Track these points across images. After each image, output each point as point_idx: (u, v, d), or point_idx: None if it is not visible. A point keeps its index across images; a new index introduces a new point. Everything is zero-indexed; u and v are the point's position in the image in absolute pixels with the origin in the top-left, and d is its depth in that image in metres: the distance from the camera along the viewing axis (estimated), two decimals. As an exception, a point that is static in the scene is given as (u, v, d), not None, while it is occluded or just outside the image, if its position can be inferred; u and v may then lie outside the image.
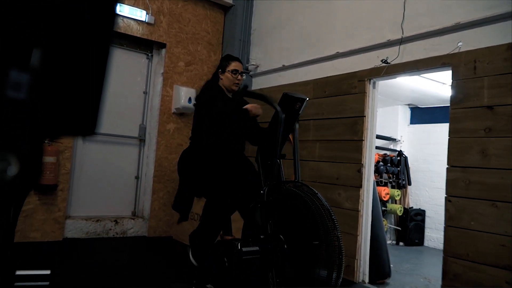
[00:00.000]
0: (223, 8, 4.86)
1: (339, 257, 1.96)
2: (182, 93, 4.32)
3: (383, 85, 3.65)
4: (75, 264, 3.07)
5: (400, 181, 5.46)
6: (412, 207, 5.49)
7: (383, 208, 5.06)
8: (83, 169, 4.05)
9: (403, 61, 2.98)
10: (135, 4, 4.17)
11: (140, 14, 4.19)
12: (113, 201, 4.24)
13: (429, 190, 5.49)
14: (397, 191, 5.34)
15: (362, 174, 3.15)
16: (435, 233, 5.34)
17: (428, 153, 5.53)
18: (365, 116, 3.20)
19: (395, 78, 3.26)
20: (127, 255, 3.50)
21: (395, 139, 5.73)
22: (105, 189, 4.19)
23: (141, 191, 4.41)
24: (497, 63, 2.41)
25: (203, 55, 4.70)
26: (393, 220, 5.49)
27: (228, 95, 2.67)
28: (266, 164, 2.39)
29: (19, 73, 0.43)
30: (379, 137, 5.06)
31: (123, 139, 4.32)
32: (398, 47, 3.02)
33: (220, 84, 2.67)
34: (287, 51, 4.18)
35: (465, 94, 2.55)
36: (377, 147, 5.12)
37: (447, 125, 2.64)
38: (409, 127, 5.85)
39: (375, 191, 3.33)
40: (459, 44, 2.65)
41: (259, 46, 4.66)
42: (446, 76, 3.55)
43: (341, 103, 3.40)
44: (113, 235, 4.07)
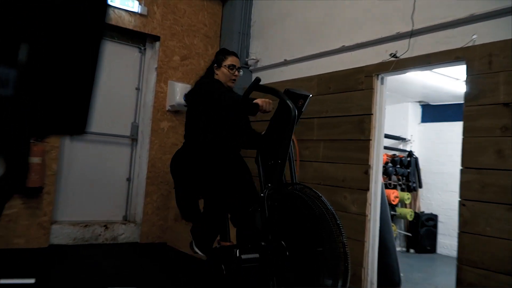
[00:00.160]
0: (221, -2, 4.87)
1: (345, 264, 1.97)
2: (177, 89, 4.33)
3: (392, 80, 3.65)
4: (62, 272, 3.07)
5: (410, 184, 5.46)
6: (423, 212, 5.50)
7: (392, 212, 5.06)
8: (71, 170, 4.06)
9: (414, 55, 2.98)
10: (126, -6, 4.17)
11: (132, 4, 4.19)
12: (102, 205, 4.25)
13: (441, 193, 5.49)
14: (407, 194, 5.34)
15: (369, 176, 3.16)
16: (448, 239, 5.35)
17: (440, 153, 5.53)
18: (372, 114, 3.20)
19: (405, 73, 3.25)
20: (117, 263, 3.50)
21: (404, 139, 5.74)
22: (94, 192, 4.20)
23: (133, 194, 4.42)
24: (514, 57, 2.41)
25: (200, 48, 4.70)
26: (403, 225, 5.49)
27: None
28: (267, 165, 2.39)
29: (5, 69, 0.44)
30: (387, 136, 5.06)
31: (114, 138, 4.32)
32: (408, 40, 3.02)
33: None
34: (289, 44, 4.19)
35: (480, 90, 2.55)
36: (385, 147, 5.12)
37: (460, 123, 2.64)
38: (420, 126, 5.86)
39: (383, 194, 3.33)
40: (473, 37, 2.65)
41: (259, 39, 4.66)
42: (459, 71, 3.55)
43: (346, 100, 3.40)
44: (103, 242, 4.08)
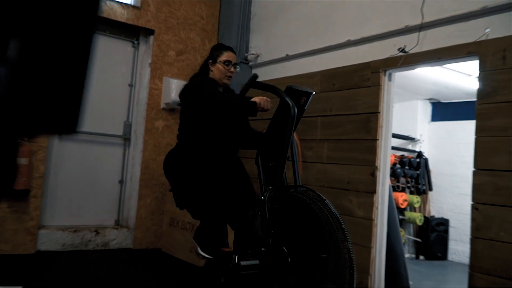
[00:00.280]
0: (219, -11, 4.88)
1: (350, 272, 1.97)
2: (172, 86, 4.33)
3: (400, 77, 3.66)
4: (50, 280, 3.07)
5: (419, 186, 5.47)
6: (433, 216, 5.50)
7: (400, 216, 5.07)
8: (59, 172, 4.06)
9: (423, 50, 2.98)
10: (118, -15, 4.18)
11: (124, -4, 4.20)
12: (93, 209, 4.25)
13: (453, 196, 5.49)
14: (417, 198, 5.35)
15: (376, 178, 3.16)
16: (460, 245, 5.35)
17: (451, 154, 5.53)
18: (379, 112, 3.21)
19: (414, 69, 3.26)
20: (109, 270, 3.50)
21: (414, 139, 5.74)
22: (84, 195, 4.20)
23: (126, 197, 4.42)
24: (530, 52, 2.42)
25: (197, 43, 4.71)
26: (412, 230, 5.50)
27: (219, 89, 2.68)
28: (267, 166, 2.39)
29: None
30: (395, 136, 5.07)
31: (105, 138, 4.33)
32: (417, 33, 3.03)
33: (210, 76, 2.68)
34: (291, 38, 4.19)
35: (494, 87, 2.55)
36: (393, 148, 5.13)
37: (473, 122, 2.64)
38: (430, 125, 5.86)
39: (391, 197, 3.34)
40: (486, 30, 2.65)
41: (260, 33, 4.67)
42: (472, 67, 3.55)
43: (352, 97, 3.41)
44: (93, 248, 4.08)
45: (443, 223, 5.44)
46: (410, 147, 5.76)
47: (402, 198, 5.14)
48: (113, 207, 4.40)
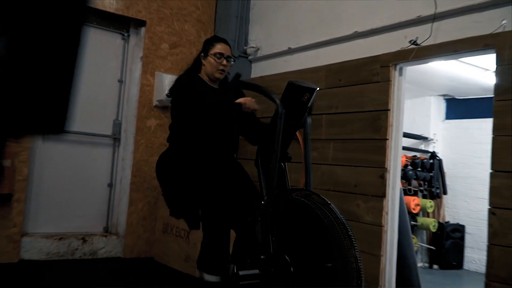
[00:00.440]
0: (216, -23, 4.89)
1: (358, 283, 1.98)
2: (165, 81, 4.34)
3: (412, 71, 3.67)
4: (34, 291, 3.09)
5: (433, 190, 5.47)
6: (448, 222, 5.51)
7: (412, 222, 5.08)
8: (44, 175, 4.07)
9: (437, 42, 2.99)
10: (107, -28, 4.19)
11: (113, -16, 4.21)
12: (80, 215, 4.26)
13: (469, 200, 5.50)
14: (430, 202, 5.35)
15: (386, 180, 3.17)
16: (477, 253, 5.36)
17: (467, 155, 5.54)
18: (389, 109, 3.21)
19: (427, 62, 3.27)
20: (97, 281, 3.50)
21: (426, 138, 5.75)
22: (71, 199, 4.21)
23: (115, 202, 4.43)
24: (551, 45, 2.43)
25: (192, 35, 4.72)
26: (425, 237, 5.50)
27: (212, 85, 2.69)
28: (268, 168, 2.40)
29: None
30: (406, 135, 5.07)
31: (93, 138, 4.34)
32: (430, 24, 3.04)
33: (202, 72, 2.69)
34: (294, 30, 4.20)
35: (512, 82, 2.57)
36: (404, 148, 5.14)
37: (490, 120, 2.66)
38: (444, 123, 5.87)
39: (402, 201, 3.35)
40: (503, 22, 2.66)
41: (260, 24, 4.68)
42: (489, 60, 3.56)
43: (359, 94, 3.42)
44: (80, 257, 4.09)
45: (459, 230, 5.45)
46: (422, 147, 5.77)
47: (414, 202, 5.14)
48: (101, 213, 4.41)
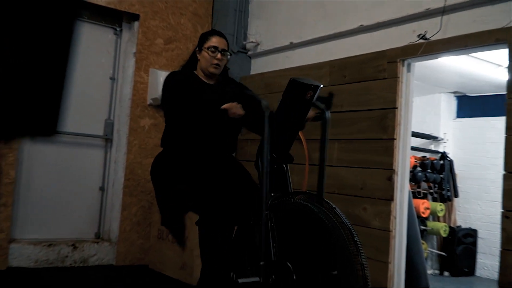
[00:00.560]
0: (213, -32, 4.89)
1: (364, 290, 1.99)
2: (160, 79, 4.33)
3: (421, 67, 3.67)
4: (22, 301, 3.10)
5: (444, 192, 5.47)
6: (460, 226, 5.51)
7: (422, 227, 5.08)
8: (32, 178, 4.07)
9: (446, 36, 2.99)
10: (98, -37, 4.19)
11: (105, -24, 4.22)
12: (70, 220, 4.26)
13: (482, 203, 5.50)
14: (440, 205, 5.35)
15: (393, 183, 3.17)
16: (490, 259, 5.35)
17: (480, 155, 5.54)
18: (397, 107, 3.22)
19: (437, 58, 3.27)
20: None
21: (436, 138, 5.75)
22: (60, 204, 4.21)
23: (108, 207, 4.44)
24: None
25: (188, 29, 4.72)
26: (435, 243, 5.50)
27: (208, 81, 2.71)
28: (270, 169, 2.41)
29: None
30: (415, 135, 5.07)
31: (83, 138, 4.34)
32: (439, 18, 3.04)
33: (198, 68, 2.71)
34: (296, 24, 4.20)
35: (526, 78, 2.57)
36: (413, 148, 5.14)
37: (503, 119, 2.67)
38: (455, 122, 5.87)
39: (411, 205, 3.35)
40: (516, 15, 2.68)
41: (260, 18, 4.68)
42: (501, 56, 3.57)
43: (365, 91, 3.42)
44: (70, 264, 4.09)
45: (471, 234, 5.44)
46: (432, 147, 5.77)
47: (423, 205, 5.14)
48: (93, 218, 4.41)
